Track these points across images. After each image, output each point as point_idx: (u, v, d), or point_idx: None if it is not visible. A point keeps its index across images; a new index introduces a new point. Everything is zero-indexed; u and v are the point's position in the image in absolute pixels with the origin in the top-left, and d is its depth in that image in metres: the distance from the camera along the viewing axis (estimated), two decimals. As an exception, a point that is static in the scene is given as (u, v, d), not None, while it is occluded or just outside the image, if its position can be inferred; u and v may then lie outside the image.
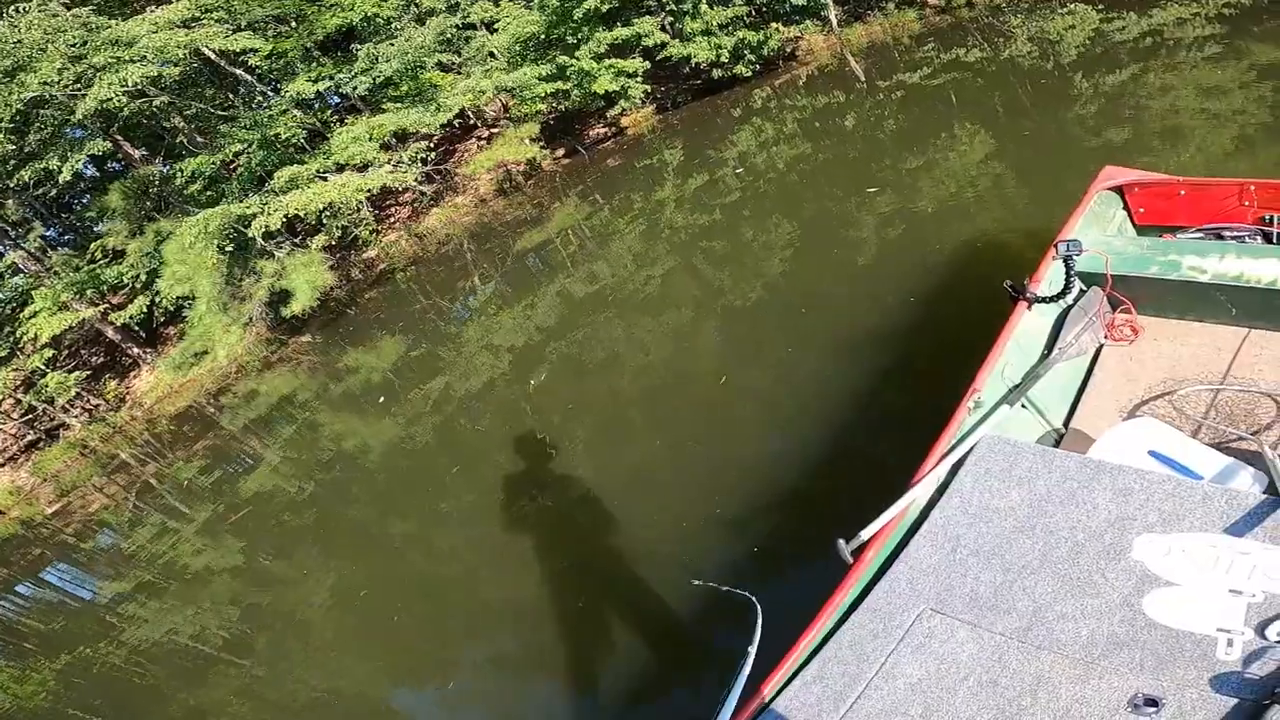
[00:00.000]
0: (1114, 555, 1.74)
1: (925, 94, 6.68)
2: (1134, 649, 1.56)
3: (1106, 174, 3.10)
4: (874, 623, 1.82)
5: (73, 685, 5.07)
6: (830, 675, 1.75)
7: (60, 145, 8.61)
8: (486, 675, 3.43)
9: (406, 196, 10.79)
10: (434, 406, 6.24)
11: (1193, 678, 1.48)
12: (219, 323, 8.83)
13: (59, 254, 10.52)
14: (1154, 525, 1.76)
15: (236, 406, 8.88)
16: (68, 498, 9.13)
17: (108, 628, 5.57)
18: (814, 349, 4.12)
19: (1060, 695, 1.53)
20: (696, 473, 3.75)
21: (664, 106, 9.72)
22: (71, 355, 11.14)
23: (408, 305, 8.89)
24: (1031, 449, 2.06)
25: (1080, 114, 5.03)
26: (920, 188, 5.16)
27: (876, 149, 6.22)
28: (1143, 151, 4.25)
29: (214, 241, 8.04)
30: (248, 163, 8.90)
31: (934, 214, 4.78)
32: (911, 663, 1.70)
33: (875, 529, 2.01)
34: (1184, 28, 5.48)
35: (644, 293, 6.13)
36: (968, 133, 5.59)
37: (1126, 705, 1.47)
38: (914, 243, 4.59)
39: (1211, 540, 1.68)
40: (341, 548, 5.06)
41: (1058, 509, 1.88)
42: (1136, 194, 3.05)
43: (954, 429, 2.21)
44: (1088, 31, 6.16)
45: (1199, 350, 2.48)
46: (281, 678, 4.16)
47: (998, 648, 1.66)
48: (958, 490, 2.04)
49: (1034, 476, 1.97)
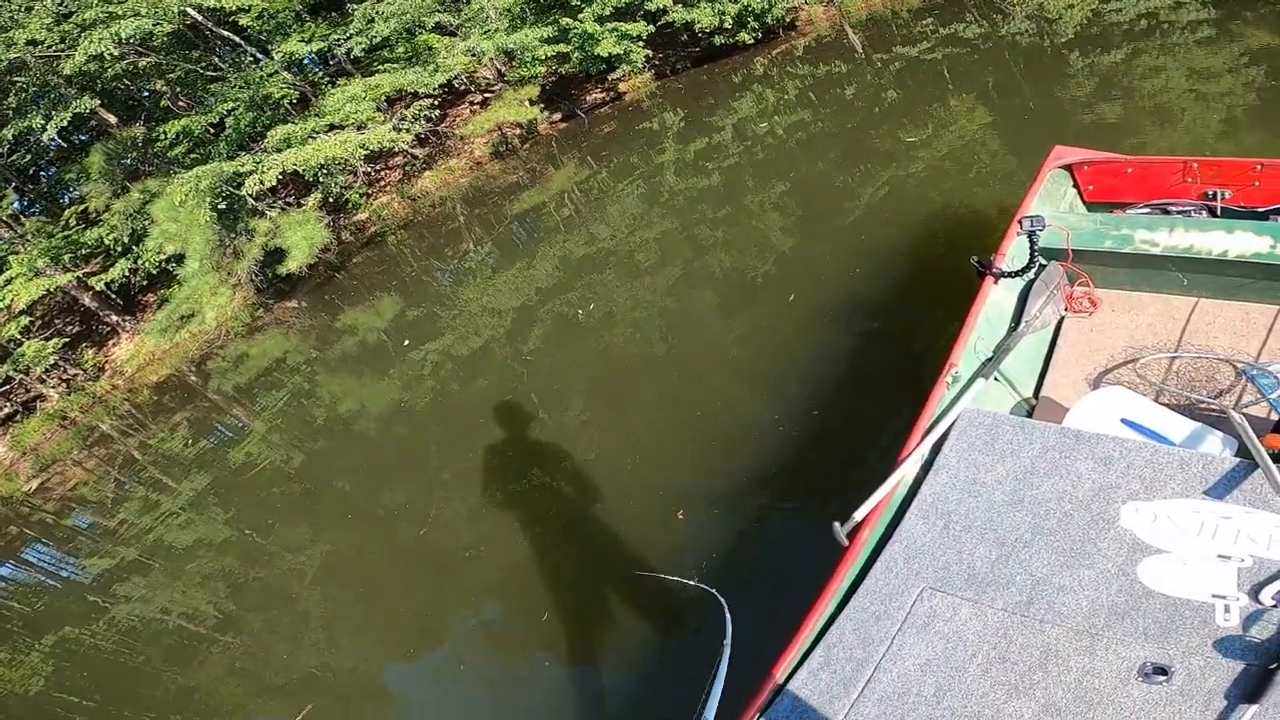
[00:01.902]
0: (1103, 524, 1.79)
1: (923, 67, 6.76)
2: (1135, 618, 1.60)
3: (1057, 153, 3.21)
4: (875, 605, 1.84)
5: (59, 668, 5.06)
6: (837, 660, 1.76)
7: (44, 104, 8.34)
8: (477, 649, 3.48)
9: (398, 160, 10.64)
10: (427, 371, 6.29)
11: (1196, 645, 1.51)
12: (208, 284, 8.73)
13: (32, 221, 10.23)
14: (1138, 493, 1.81)
15: (225, 371, 8.81)
16: (47, 472, 9.01)
17: (92, 607, 5.55)
18: (812, 312, 4.24)
19: (1070, 667, 1.56)
20: (692, 439, 3.86)
21: (662, 73, 9.67)
22: (45, 325, 10.95)
23: (399, 268, 8.85)
24: (1011, 421, 2.13)
25: (1074, 92, 5.16)
26: (918, 156, 5.28)
27: (875, 118, 6.33)
28: (1133, 130, 4.39)
29: (206, 199, 7.91)
30: (236, 124, 8.79)
31: (928, 182, 4.91)
32: (918, 643, 1.72)
33: (868, 509, 2.04)
34: (1179, 11, 5.60)
35: (640, 256, 6.22)
36: (965, 105, 5.70)
37: (1136, 674, 1.50)
38: (907, 209, 4.71)
39: (1194, 505, 1.74)
40: (332, 519, 5.12)
41: (1043, 480, 1.93)
42: (1086, 172, 3.17)
43: (934, 404, 2.29)
44: (1086, 12, 6.23)
45: (1154, 320, 2.61)
46: (272, 655, 4.17)
47: (1001, 623, 1.69)
48: (944, 465, 2.09)
49: (1016, 448, 2.03)
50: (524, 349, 5.77)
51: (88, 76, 8.48)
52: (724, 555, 3.10)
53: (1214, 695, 1.43)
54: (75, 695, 4.67)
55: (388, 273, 8.88)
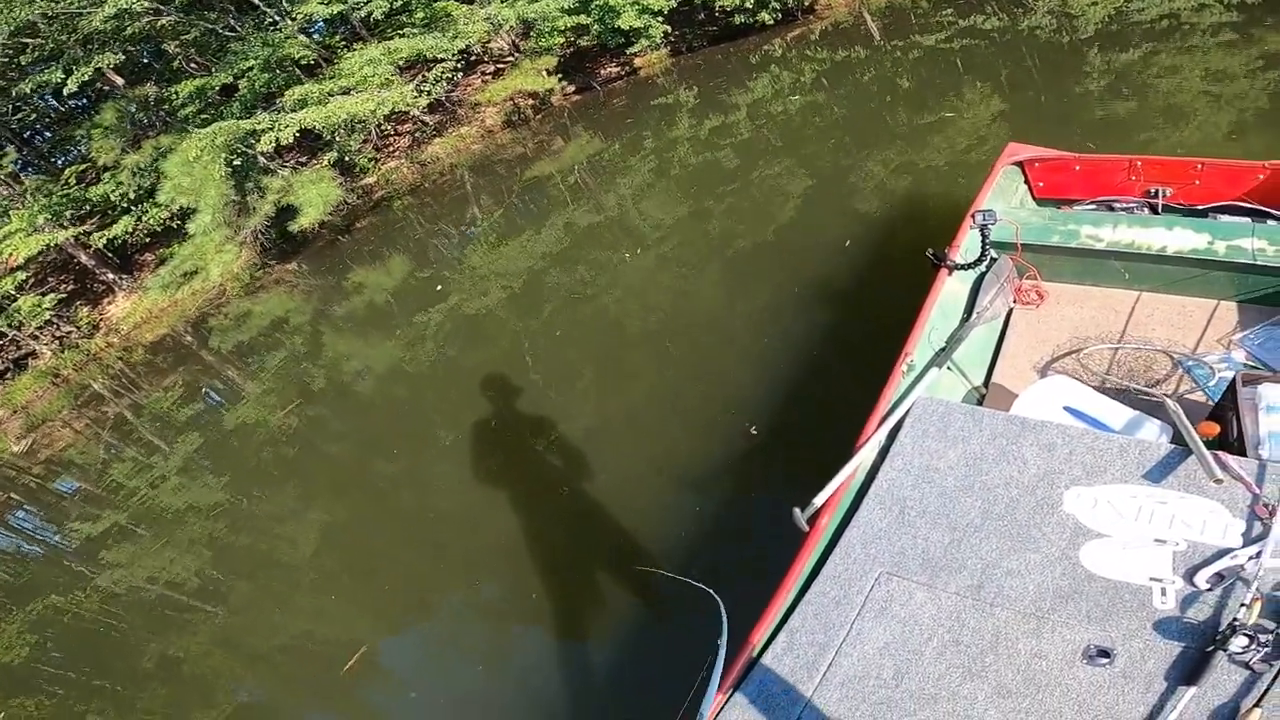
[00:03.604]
0: (1047, 509, 1.84)
1: (939, 57, 6.79)
2: (1079, 601, 1.65)
3: (1010, 150, 3.32)
4: (835, 590, 1.88)
5: (43, 638, 5.05)
6: (800, 646, 1.80)
7: (64, 60, 8.20)
8: (466, 623, 3.50)
9: (407, 126, 10.60)
10: (429, 334, 6.35)
11: (1136, 627, 1.57)
12: (214, 240, 8.73)
13: (31, 179, 10.19)
14: (1079, 478, 1.87)
15: (226, 329, 8.82)
16: (36, 433, 8.90)
17: (78, 576, 5.52)
18: (815, 291, 4.29)
19: (1019, 650, 1.62)
20: (691, 413, 3.89)
21: (678, 50, 9.65)
22: (39, 283, 10.88)
23: (405, 234, 8.87)
24: (962, 409, 2.18)
25: (1089, 88, 5.20)
26: (931, 142, 5.32)
27: (888, 105, 6.38)
28: (1144, 127, 4.44)
29: (221, 155, 7.93)
30: (250, 85, 8.78)
31: (939, 168, 4.95)
32: (876, 627, 1.76)
33: (826, 495, 2.08)
34: (1201, 14, 5.63)
35: (647, 229, 6.28)
36: (978, 96, 5.74)
37: (1080, 656, 1.56)
38: (912, 194, 4.78)
39: (1132, 491, 1.80)
40: (326, 485, 5.15)
41: (992, 466, 1.98)
42: (1036, 169, 3.27)
43: (890, 392, 2.35)
44: (1109, 9, 6.23)
45: (1097, 312, 2.71)
46: (258, 623, 4.17)
47: (955, 607, 1.74)
48: (899, 452, 2.14)
49: (967, 435, 2.08)
50: (527, 316, 5.83)
51: (105, 35, 8.42)
52: (719, 540, 3.13)
53: (1154, 677, 1.49)
54: (59, 666, 4.68)
55: (392, 238, 8.89)
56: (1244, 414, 1.88)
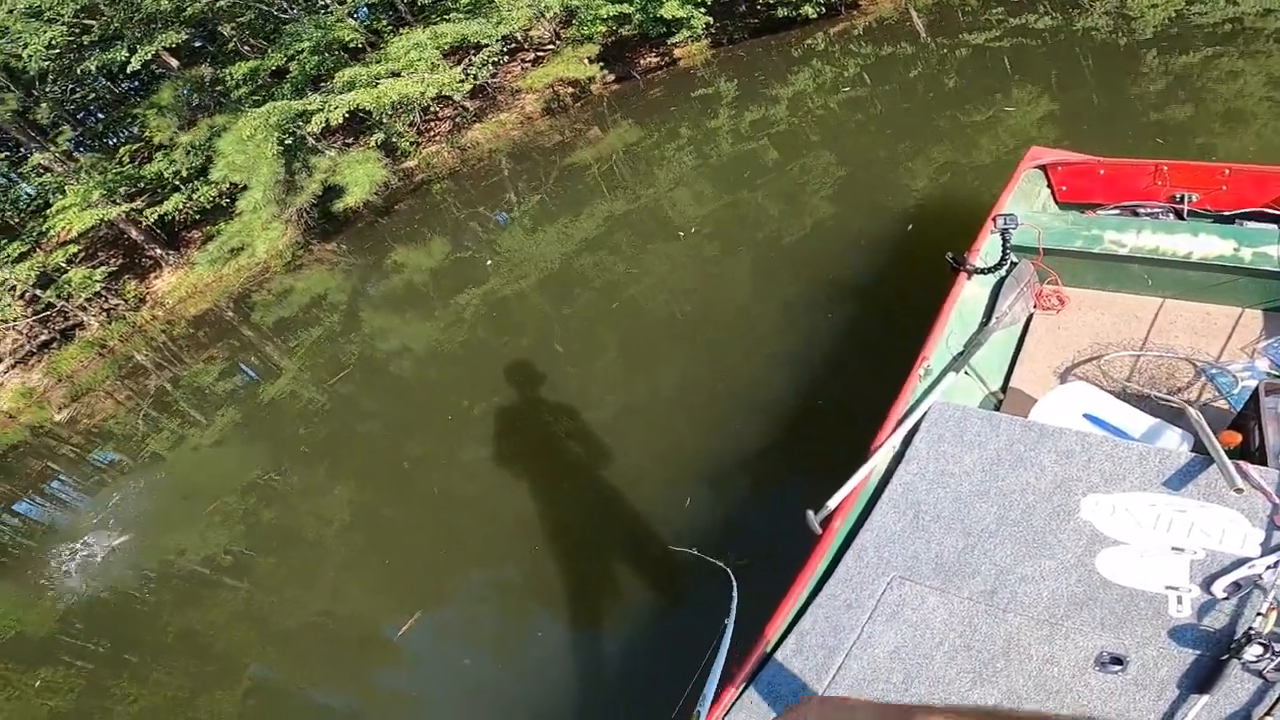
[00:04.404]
0: (1064, 516, 1.83)
1: (987, 56, 6.67)
2: (1093, 608, 1.65)
3: (1033, 154, 3.28)
4: (846, 593, 1.88)
5: (70, 610, 5.13)
6: (809, 648, 1.80)
7: (128, 38, 8.52)
8: (484, 605, 3.54)
9: (447, 112, 10.75)
10: (460, 319, 6.48)
11: (1150, 635, 1.56)
12: (260, 218, 9.01)
13: (86, 157, 10.59)
14: (1097, 485, 1.86)
15: (268, 304, 9.07)
16: (79, 403, 9.17)
17: (106, 548, 5.59)
18: (845, 288, 4.29)
19: (1031, 656, 1.61)
20: (712, 405, 3.90)
21: (719, 42, 9.62)
22: (89, 256, 11.27)
23: (442, 217, 9.03)
24: (979, 414, 2.17)
25: (1144, 90, 5.08)
26: (977, 142, 5.26)
27: (935, 102, 6.32)
28: (1200, 131, 4.34)
29: (274, 134, 8.20)
30: (301, 67, 9.03)
31: (984, 167, 4.90)
32: (887, 631, 1.76)
33: (840, 498, 2.09)
34: (1266, 18, 5.45)
35: (682, 220, 6.32)
36: (1027, 96, 5.65)
37: (1093, 664, 1.55)
38: (957, 193, 4.71)
39: (1150, 499, 1.78)
40: (355, 463, 5.22)
41: (1008, 472, 1.97)
42: (1060, 172, 3.24)
43: (907, 396, 2.35)
44: (1170, 11, 6.06)
45: (1119, 319, 2.68)
46: (280, 600, 4.22)
47: (967, 612, 1.73)
48: (914, 456, 2.13)
49: (984, 441, 2.07)
50: (559, 302, 5.92)
51: (166, 16, 8.72)
52: (733, 529, 3.16)
53: (1167, 685, 1.48)
54: (84, 639, 4.77)
55: (430, 221, 9.06)
56: (1266, 423, 1.86)
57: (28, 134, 10.50)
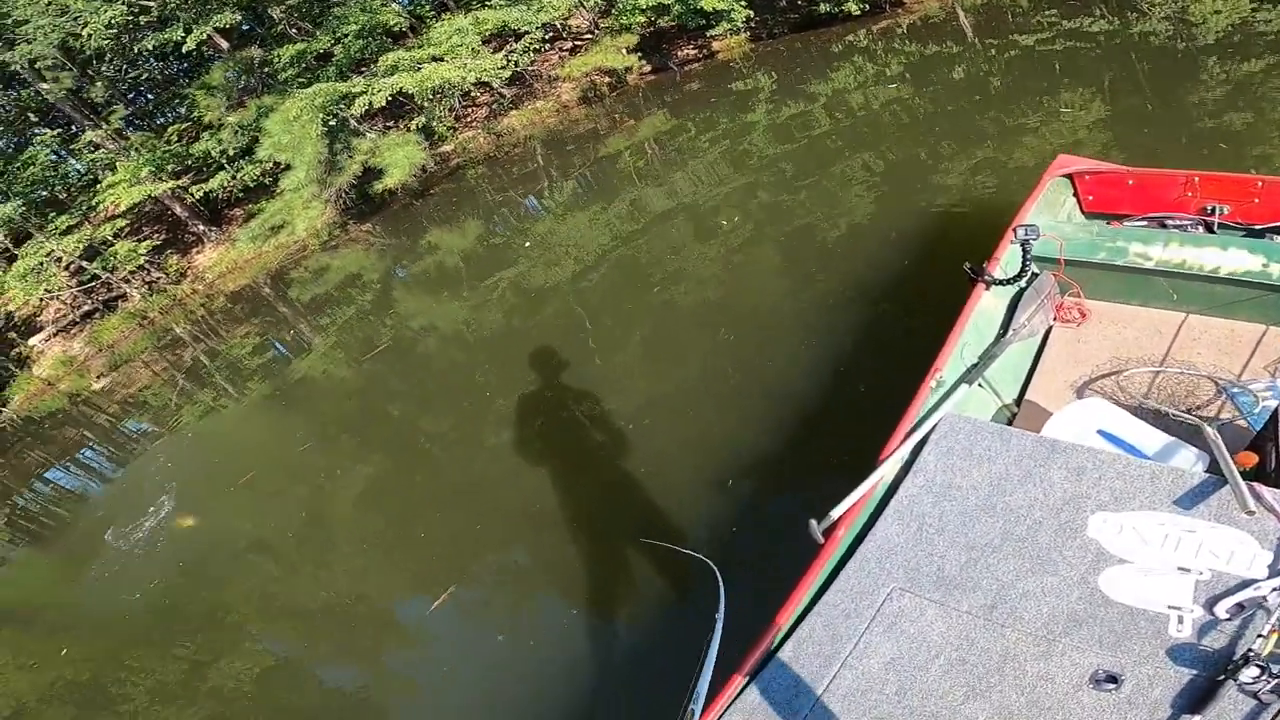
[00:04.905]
0: (1070, 533, 1.82)
1: (1036, 58, 6.51)
2: (1092, 626, 1.64)
3: (1060, 162, 3.21)
4: (846, 602, 1.88)
5: (99, 579, 5.20)
6: (806, 655, 1.80)
7: (184, 17, 8.85)
8: (496, 588, 3.56)
9: (485, 98, 10.85)
10: (488, 303, 6.57)
11: (1148, 654, 1.55)
12: (301, 197, 9.24)
13: (137, 135, 10.94)
14: (1106, 504, 1.83)
15: (305, 281, 9.31)
16: (117, 372, 9.45)
17: (134, 517, 5.66)
18: (874, 291, 4.24)
19: (1026, 672, 1.60)
20: (730, 400, 3.91)
21: (758, 36, 9.56)
22: (134, 231, 11.63)
23: (476, 201, 9.14)
24: (990, 428, 2.14)
25: (1201, 97, 4.92)
26: (1024, 143, 5.16)
27: (980, 103, 6.20)
28: (1258, 141, 4.20)
29: (319, 115, 8.40)
30: (345, 51, 9.22)
31: (1030, 169, 4.79)
32: (884, 642, 1.76)
33: (845, 508, 2.08)
34: (1338, 26, 5.19)
35: (714, 213, 6.33)
36: (1078, 100, 5.51)
37: (1088, 681, 1.54)
38: (999, 198, 4.62)
39: (1160, 519, 1.76)
40: (379, 442, 5.28)
41: (1016, 487, 1.95)
42: (1087, 182, 3.18)
43: (917, 407, 2.32)
44: (1233, 18, 5.84)
45: (1141, 334, 2.62)
46: (299, 579, 4.24)
47: (965, 626, 1.73)
48: (922, 469, 2.12)
49: (993, 455, 2.05)
50: (586, 290, 5.97)
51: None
52: (749, 527, 3.15)
53: (1160, 704, 1.47)
54: (113, 611, 4.79)
55: (464, 205, 9.18)
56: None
57: (81, 112, 10.90)
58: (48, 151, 10.60)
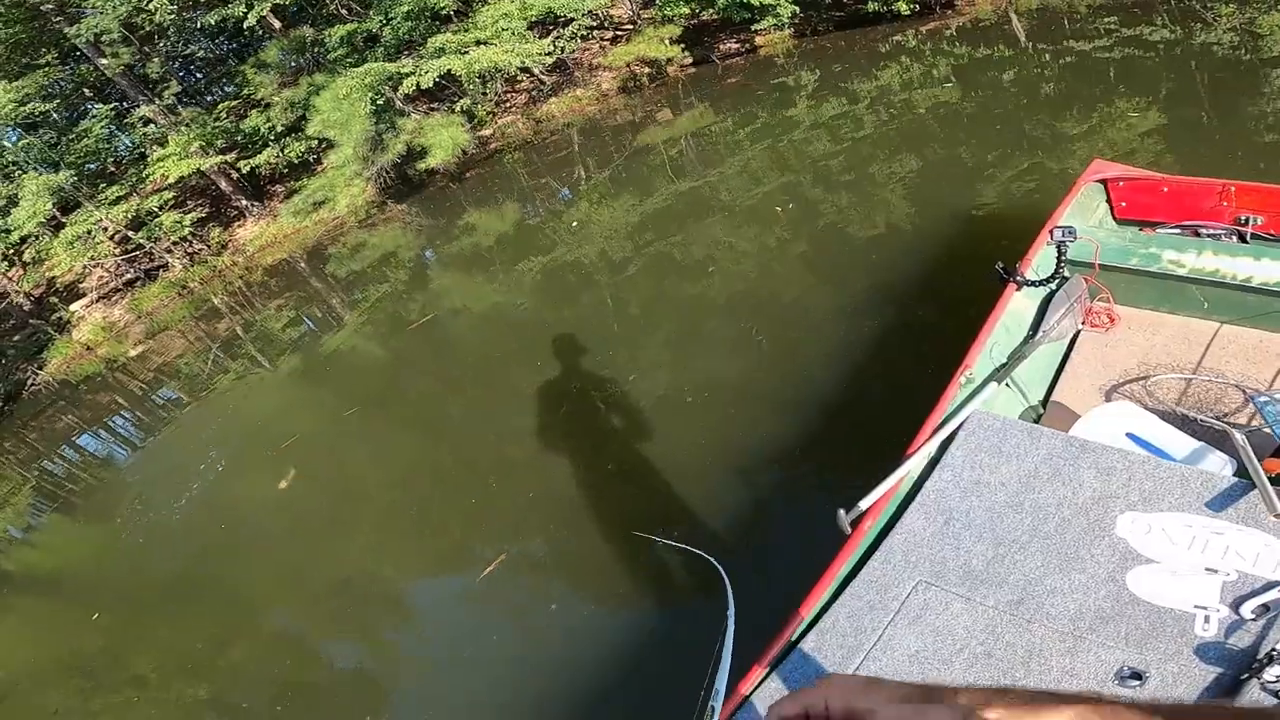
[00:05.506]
0: (1098, 532, 1.83)
1: (1093, 65, 6.39)
2: (1119, 623, 1.65)
3: (1095, 167, 3.23)
4: (871, 594, 1.88)
5: (131, 546, 5.26)
6: (829, 646, 1.80)
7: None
8: (509, 575, 3.54)
9: (525, 84, 10.94)
10: (519, 287, 6.65)
11: (1173, 652, 1.57)
12: (344, 175, 9.45)
13: (188, 111, 11.32)
14: (1135, 504, 1.84)
15: (343, 257, 9.50)
16: (154, 339, 9.68)
17: (157, 488, 5.84)
18: (909, 291, 4.22)
19: (1051, 667, 1.62)
20: (757, 395, 3.90)
21: (802, 33, 9.49)
22: (179, 204, 11.99)
23: (512, 186, 9.24)
24: (1019, 425, 2.15)
25: (1261, 110, 4.81)
26: (1073, 151, 5.09)
27: (1030, 108, 6.10)
28: (1319, 154, 4.04)
29: (368, 94, 8.59)
30: (394, 32, 9.37)
31: (1069, 177, 4.70)
32: (908, 635, 1.76)
33: (873, 499, 2.09)
34: None
35: (750, 208, 6.31)
36: (1133, 108, 5.39)
37: (1113, 677, 1.56)
38: (1043, 204, 4.54)
39: (1188, 520, 1.78)
40: (401, 420, 5.33)
41: (1045, 485, 1.96)
42: (1120, 188, 3.19)
43: (946, 404, 2.34)
44: (1302, 30, 5.64)
45: (1171, 341, 2.62)
46: (311, 558, 4.23)
47: (991, 621, 1.73)
48: (949, 464, 2.13)
49: (1022, 453, 2.06)
50: (618, 278, 6.02)
51: None
52: (764, 522, 3.15)
53: (1183, 701, 1.44)
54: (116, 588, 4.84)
55: (500, 189, 9.29)
56: None
57: (136, 87, 11.26)
58: (102, 124, 10.95)
